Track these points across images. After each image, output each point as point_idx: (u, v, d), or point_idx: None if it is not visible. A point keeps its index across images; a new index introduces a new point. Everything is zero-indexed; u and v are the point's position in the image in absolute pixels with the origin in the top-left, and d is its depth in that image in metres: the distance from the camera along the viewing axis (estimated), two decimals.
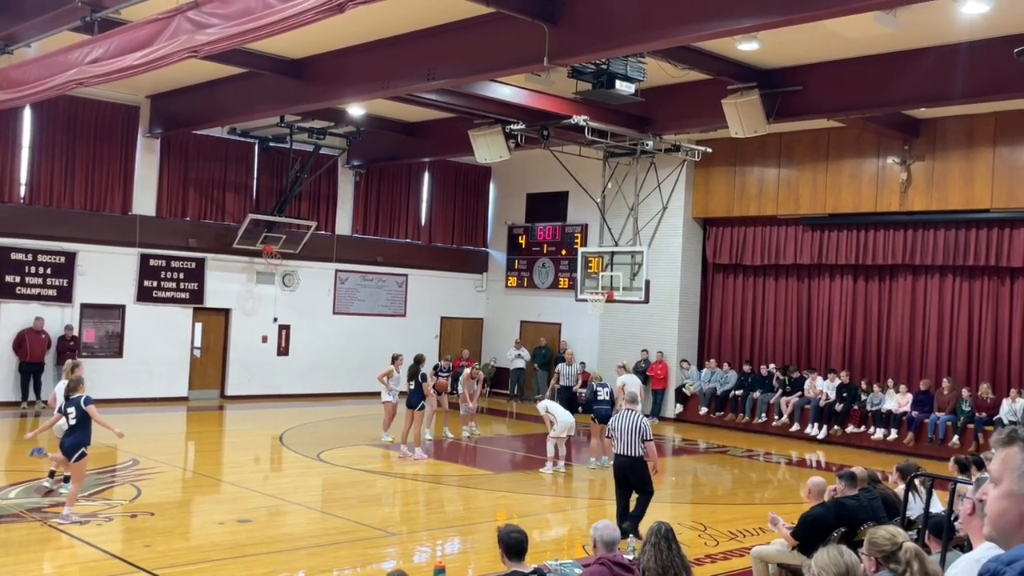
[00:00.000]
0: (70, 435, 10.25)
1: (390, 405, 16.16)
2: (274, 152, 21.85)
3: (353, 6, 8.43)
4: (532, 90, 15.89)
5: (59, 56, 12.18)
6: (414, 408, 14.92)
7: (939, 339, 18.77)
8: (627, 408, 10.62)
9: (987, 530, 2.27)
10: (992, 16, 11.66)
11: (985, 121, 17.33)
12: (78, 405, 10.22)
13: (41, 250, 18.92)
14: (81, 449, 10.19)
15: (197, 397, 21.00)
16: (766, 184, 20.66)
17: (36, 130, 18.95)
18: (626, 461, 10.11)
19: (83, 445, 10.21)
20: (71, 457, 10.22)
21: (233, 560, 9.08)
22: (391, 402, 16.12)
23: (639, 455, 10.05)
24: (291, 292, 22.51)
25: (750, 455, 17.40)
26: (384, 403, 16.30)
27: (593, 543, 6.25)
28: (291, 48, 14.84)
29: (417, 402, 14.90)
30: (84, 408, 10.19)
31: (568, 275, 23.51)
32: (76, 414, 10.21)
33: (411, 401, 14.97)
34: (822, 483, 8.20)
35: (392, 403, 16.11)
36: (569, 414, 14.85)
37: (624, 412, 10.46)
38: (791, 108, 15.03)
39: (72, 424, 10.24)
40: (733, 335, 21.87)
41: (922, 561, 4.33)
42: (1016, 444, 2.22)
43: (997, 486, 2.25)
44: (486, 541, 9.67)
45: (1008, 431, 2.31)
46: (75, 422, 10.22)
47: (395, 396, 16.06)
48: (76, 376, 10.71)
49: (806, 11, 9.98)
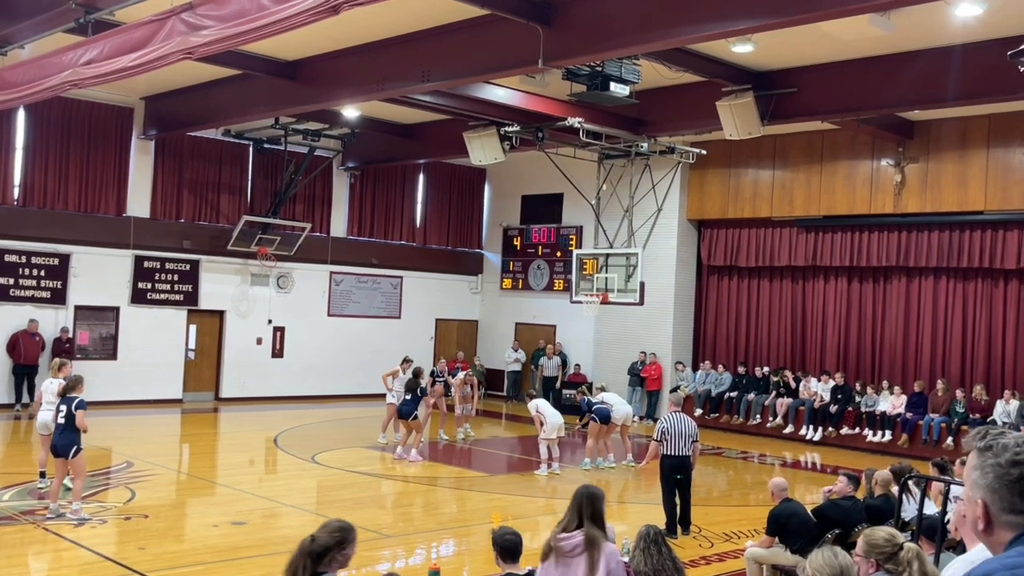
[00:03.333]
0: (60, 434, 10.21)
1: (392, 407, 16.07)
2: (269, 154, 21.83)
3: (348, 8, 8.42)
4: (527, 92, 15.89)
5: (53, 58, 12.15)
6: (406, 418, 14.92)
7: (933, 341, 18.80)
8: (672, 411, 11.11)
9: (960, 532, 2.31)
10: (986, 18, 11.69)
11: (979, 123, 17.38)
12: (70, 406, 10.18)
13: (35, 252, 18.87)
14: (75, 447, 10.15)
15: (191, 399, 20.97)
16: (760, 186, 20.69)
17: (30, 132, 18.91)
18: (676, 461, 10.73)
19: (75, 443, 10.17)
20: (67, 456, 10.18)
21: (227, 563, 9.06)
22: (394, 404, 16.01)
23: (687, 454, 10.77)
24: (286, 294, 22.49)
25: (745, 457, 17.42)
26: (388, 404, 16.30)
27: None
28: (286, 50, 14.83)
29: (410, 412, 14.89)
30: (73, 411, 10.14)
31: (563, 277, 23.52)
32: (66, 413, 10.16)
33: (403, 411, 14.97)
34: (782, 483, 8.64)
35: (395, 405, 16.04)
36: (558, 414, 14.83)
37: (672, 414, 10.96)
38: (785, 110, 15.05)
39: (61, 423, 10.19)
40: (728, 337, 21.89)
41: (922, 562, 4.34)
42: (973, 451, 2.25)
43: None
44: (481, 543, 9.67)
45: (971, 435, 2.33)
46: (64, 421, 10.17)
47: (398, 398, 15.98)
48: (76, 375, 10.67)
49: (800, 13, 10.00)
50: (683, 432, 10.77)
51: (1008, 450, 2.16)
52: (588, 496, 5.70)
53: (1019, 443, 2.17)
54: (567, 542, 5.58)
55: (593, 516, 5.60)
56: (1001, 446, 2.18)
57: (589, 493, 5.72)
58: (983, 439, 2.23)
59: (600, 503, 5.68)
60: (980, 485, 2.19)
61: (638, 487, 14.38)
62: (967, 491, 2.25)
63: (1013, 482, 2.13)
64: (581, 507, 5.64)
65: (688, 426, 10.86)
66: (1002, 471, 2.15)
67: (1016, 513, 2.13)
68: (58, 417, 10.26)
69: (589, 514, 5.61)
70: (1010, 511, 2.13)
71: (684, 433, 10.77)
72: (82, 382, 10.47)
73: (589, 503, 5.65)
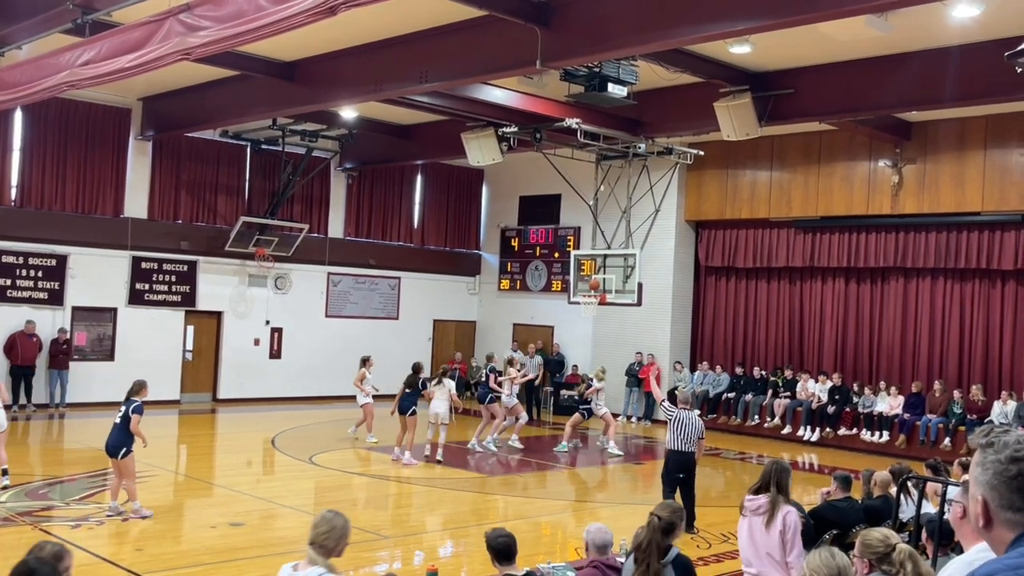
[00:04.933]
0: (113, 434, 10.48)
1: (369, 407, 16.46)
2: (266, 155, 21.82)
3: (345, 9, 8.41)
4: (524, 93, 15.89)
5: (50, 58, 12.13)
6: (405, 414, 14.92)
7: (930, 341, 18.82)
8: (682, 407, 11.18)
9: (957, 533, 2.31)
10: (983, 19, 11.71)
11: (976, 124, 17.39)
12: (128, 408, 10.46)
13: (32, 252, 18.86)
14: (123, 448, 10.39)
15: (189, 400, 20.95)
16: (758, 187, 20.69)
17: (27, 132, 18.89)
18: (680, 456, 10.90)
19: (124, 445, 10.40)
20: (115, 455, 10.43)
21: (225, 564, 9.06)
22: (369, 403, 16.43)
23: (692, 451, 10.90)
24: (283, 295, 22.48)
25: (743, 457, 17.43)
26: (362, 406, 16.55)
27: (585, 546, 6.24)
28: (283, 50, 14.83)
29: (408, 407, 14.89)
30: (130, 414, 10.41)
31: (561, 278, 23.52)
32: (123, 414, 10.46)
33: (403, 406, 14.97)
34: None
35: (370, 404, 16.41)
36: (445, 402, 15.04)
37: (682, 411, 11.04)
38: (783, 111, 15.06)
39: (117, 423, 10.49)
40: (725, 337, 21.90)
41: (915, 563, 4.35)
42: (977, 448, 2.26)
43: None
44: (478, 544, 9.65)
45: (976, 433, 2.33)
46: (120, 421, 10.47)
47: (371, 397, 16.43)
48: (140, 380, 10.92)
49: (798, 14, 10.01)
50: (687, 427, 10.84)
51: (1008, 447, 2.17)
52: (777, 468, 6.69)
53: (1020, 440, 2.17)
54: (753, 503, 6.64)
55: (779, 485, 6.59)
56: (1002, 443, 2.19)
57: (779, 467, 6.72)
58: (986, 436, 2.25)
59: (787, 476, 6.68)
60: (980, 482, 2.20)
61: (635, 488, 14.38)
62: (970, 488, 2.26)
63: (1011, 478, 2.14)
64: (770, 476, 6.64)
65: (695, 424, 10.92)
66: (1001, 467, 2.16)
67: (1014, 510, 2.13)
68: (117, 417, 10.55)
69: (775, 482, 6.59)
70: (1008, 508, 2.14)
71: (688, 429, 10.84)
72: (144, 386, 10.75)
73: (777, 474, 6.63)
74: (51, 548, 4.63)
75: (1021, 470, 2.13)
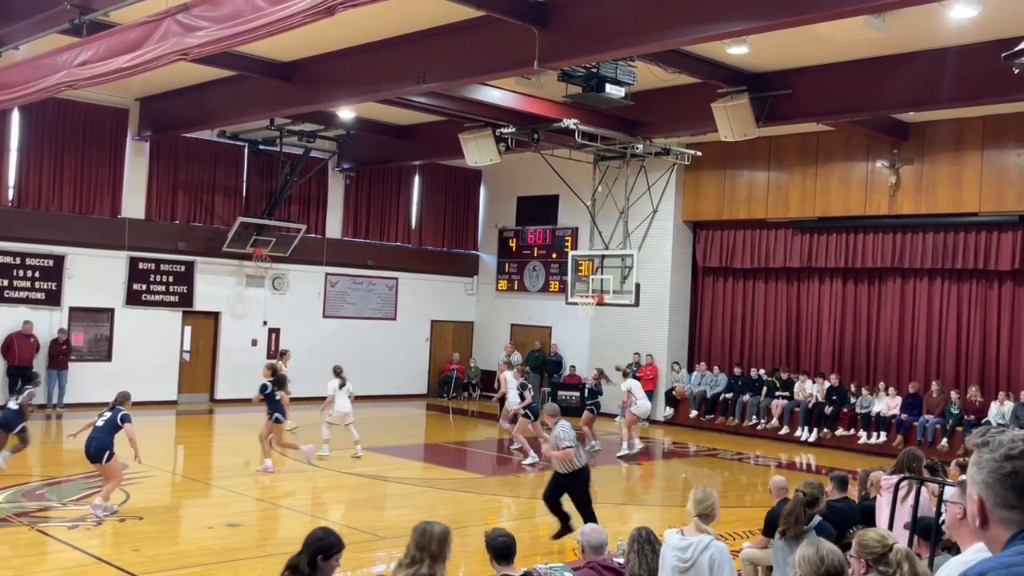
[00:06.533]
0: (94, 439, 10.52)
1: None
2: (264, 155, 21.81)
3: (343, 9, 8.41)
4: (522, 93, 15.89)
5: (48, 58, 12.12)
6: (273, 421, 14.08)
7: (928, 342, 18.83)
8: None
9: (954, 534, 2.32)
10: (981, 20, 11.71)
11: (974, 125, 17.41)
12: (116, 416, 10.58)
13: (29, 253, 18.83)
14: (107, 452, 10.47)
15: (186, 401, 20.93)
16: (756, 187, 20.70)
17: (24, 133, 18.87)
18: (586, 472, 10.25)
19: (107, 448, 10.48)
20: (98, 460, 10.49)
21: (222, 564, 9.05)
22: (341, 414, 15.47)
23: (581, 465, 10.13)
24: (281, 295, 22.46)
25: (740, 458, 17.43)
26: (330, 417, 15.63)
27: (581, 548, 6.25)
28: (281, 51, 14.82)
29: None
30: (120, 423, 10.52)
31: (558, 278, 23.52)
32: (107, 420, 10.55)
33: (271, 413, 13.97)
34: (782, 481, 8.73)
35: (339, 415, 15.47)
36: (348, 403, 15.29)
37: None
38: (781, 112, 15.07)
39: (99, 425, 10.55)
40: (723, 338, 21.90)
41: (912, 563, 4.36)
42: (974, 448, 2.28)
43: None
44: (476, 544, 9.65)
45: (973, 434, 2.35)
46: (102, 424, 10.54)
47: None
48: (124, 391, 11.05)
49: (796, 15, 10.02)
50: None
51: (1003, 445, 2.18)
52: (910, 455, 7.65)
53: (1014, 439, 2.18)
54: (888, 481, 7.46)
55: (910, 467, 7.46)
56: (997, 442, 2.20)
57: (912, 454, 7.69)
58: (982, 436, 2.26)
59: (919, 461, 7.61)
60: (976, 480, 2.21)
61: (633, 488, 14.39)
62: (968, 488, 2.27)
63: (1006, 476, 2.15)
64: (904, 460, 7.57)
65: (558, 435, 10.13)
66: (996, 465, 2.17)
67: (1009, 509, 2.14)
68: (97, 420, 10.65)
69: (908, 465, 7.48)
70: (1003, 506, 2.14)
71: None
72: (130, 398, 10.94)
73: (910, 460, 7.56)
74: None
75: (1015, 468, 2.14)
